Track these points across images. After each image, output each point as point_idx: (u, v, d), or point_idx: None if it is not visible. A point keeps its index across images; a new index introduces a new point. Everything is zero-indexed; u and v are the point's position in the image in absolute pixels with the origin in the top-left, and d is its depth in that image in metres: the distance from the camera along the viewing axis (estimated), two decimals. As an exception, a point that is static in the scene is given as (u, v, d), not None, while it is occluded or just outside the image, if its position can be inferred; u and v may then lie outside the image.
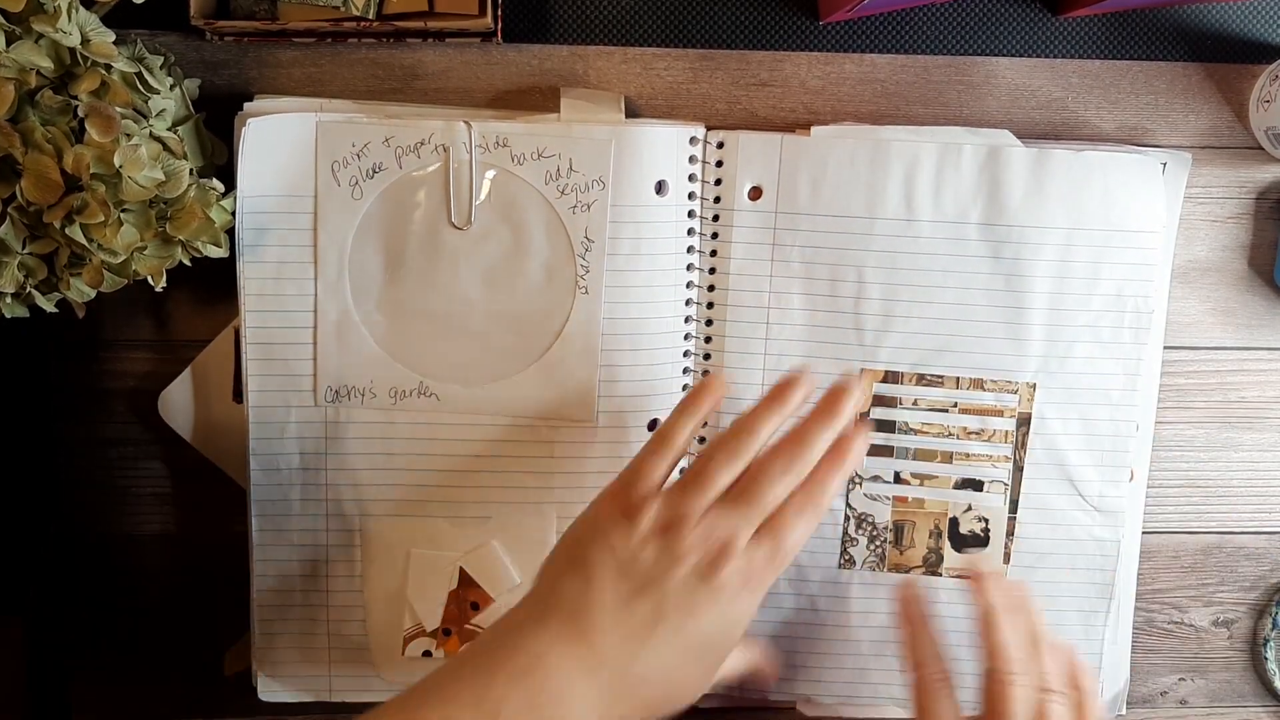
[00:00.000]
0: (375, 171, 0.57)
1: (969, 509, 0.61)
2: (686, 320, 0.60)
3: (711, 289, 0.60)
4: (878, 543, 0.61)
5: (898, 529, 0.61)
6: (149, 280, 0.53)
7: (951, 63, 0.61)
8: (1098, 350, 0.60)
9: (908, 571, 0.61)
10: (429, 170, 0.57)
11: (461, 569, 0.60)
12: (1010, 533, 0.61)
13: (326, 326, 0.58)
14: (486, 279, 0.58)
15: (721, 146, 0.59)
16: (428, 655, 0.61)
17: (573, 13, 0.60)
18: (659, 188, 0.58)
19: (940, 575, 0.61)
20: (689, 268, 0.60)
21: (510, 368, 0.59)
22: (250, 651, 0.61)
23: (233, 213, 0.56)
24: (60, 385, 0.61)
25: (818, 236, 0.59)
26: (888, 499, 0.61)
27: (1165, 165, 0.59)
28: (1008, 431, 0.60)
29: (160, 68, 0.55)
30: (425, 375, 0.59)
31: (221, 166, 0.58)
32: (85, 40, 0.50)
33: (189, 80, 0.58)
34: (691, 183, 0.59)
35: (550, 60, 0.60)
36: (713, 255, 0.60)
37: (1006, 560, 0.61)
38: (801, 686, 0.62)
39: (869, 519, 0.61)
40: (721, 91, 0.61)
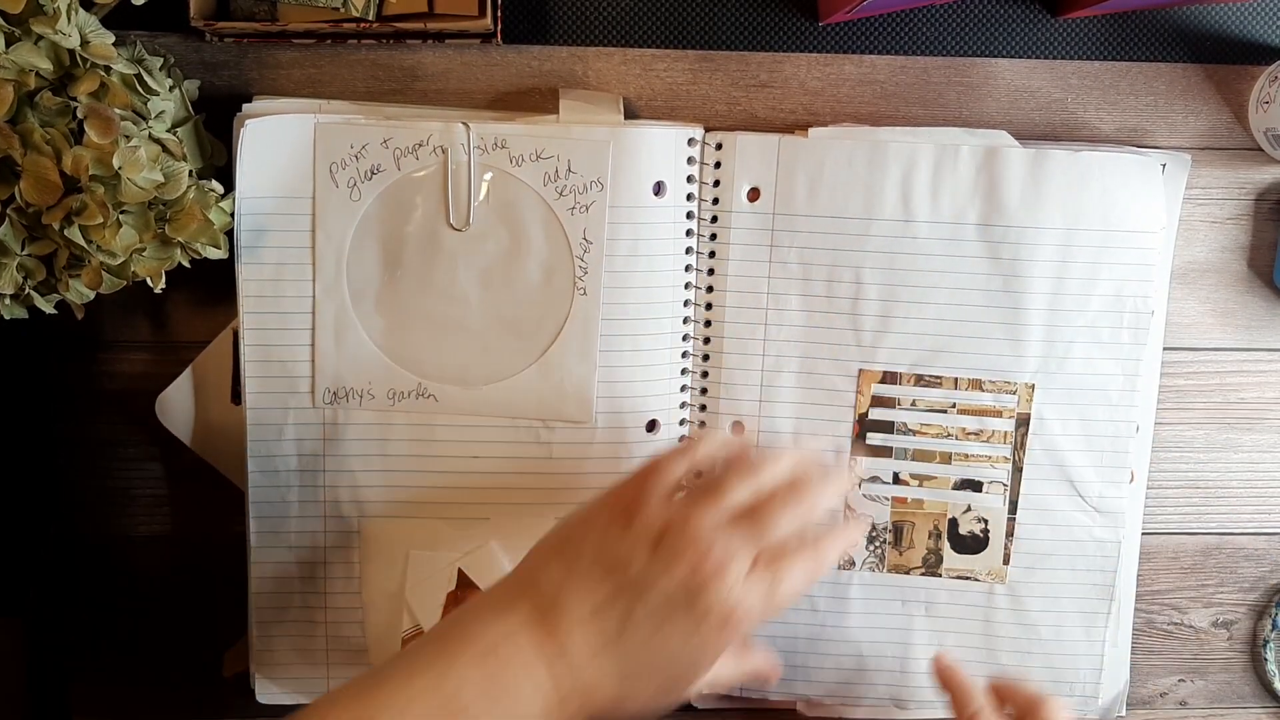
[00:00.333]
0: (373, 173, 0.57)
1: (968, 510, 0.61)
2: (685, 321, 0.60)
3: (710, 290, 0.60)
4: (877, 543, 0.61)
5: (897, 530, 0.61)
6: (148, 282, 0.53)
7: (951, 64, 0.61)
8: (1097, 351, 0.60)
9: (907, 573, 0.61)
10: (427, 171, 0.57)
11: (460, 570, 0.60)
12: (1010, 534, 0.61)
13: (325, 328, 0.58)
14: (485, 280, 0.58)
15: (720, 148, 0.59)
16: (426, 656, 0.61)
17: (572, 14, 0.60)
18: (657, 189, 0.58)
19: (940, 576, 0.61)
20: (687, 269, 0.60)
21: (508, 368, 0.59)
22: (249, 653, 0.61)
23: (232, 214, 0.56)
24: (59, 386, 0.61)
25: (815, 238, 0.59)
26: (886, 499, 0.61)
27: (1165, 166, 0.59)
28: (1006, 432, 0.60)
29: (160, 69, 0.55)
30: (423, 376, 0.59)
31: (221, 168, 0.58)
32: (85, 42, 0.50)
33: (188, 81, 0.58)
34: (690, 184, 0.59)
35: (550, 61, 0.60)
36: (711, 256, 0.60)
37: (1006, 561, 0.61)
38: (801, 687, 0.62)
39: (868, 519, 0.61)
40: (721, 92, 0.61)
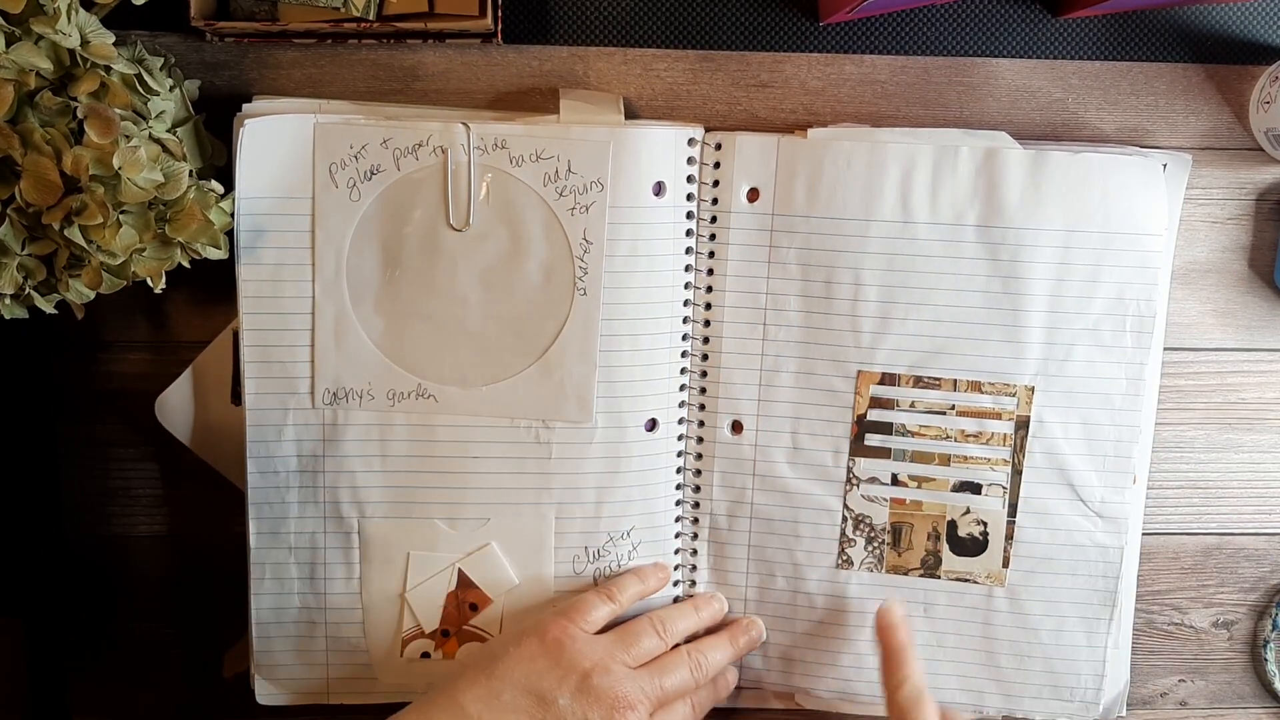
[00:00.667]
0: (373, 173, 0.57)
1: (967, 512, 0.61)
2: (684, 321, 0.60)
3: (709, 290, 0.60)
4: (876, 544, 0.61)
5: (895, 531, 0.61)
6: (148, 282, 0.53)
7: (952, 64, 0.61)
8: (1099, 354, 0.59)
9: (906, 574, 0.61)
10: (427, 172, 0.57)
11: (460, 570, 0.60)
12: (1009, 536, 0.61)
13: (324, 328, 0.58)
14: (484, 280, 0.58)
15: (719, 148, 0.59)
16: (426, 657, 0.61)
17: (573, 14, 0.60)
18: (657, 189, 0.58)
19: (939, 578, 0.61)
20: (687, 269, 0.60)
21: (508, 369, 0.59)
22: (249, 653, 0.61)
23: (231, 214, 0.56)
24: (60, 386, 0.61)
25: (815, 239, 0.59)
26: (885, 500, 0.61)
27: (1166, 166, 0.59)
28: (1005, 434, 0.60)
29: (160, 69, 0.55)
30: (423, 377, 0.59)
31: (221, 168, 0.58)
32: (85, 42, 0.50)
33: (189, 81, 0.58)
34: (690, 184, 0.59)
35: (550, 61, 0.60)
36: (710, 257, 0.60)
37: (1005, 564, 0.61)
38: (799, 680, 0.62)
39: (866, 520, 0.61)
40: (721, 92, 0.61)
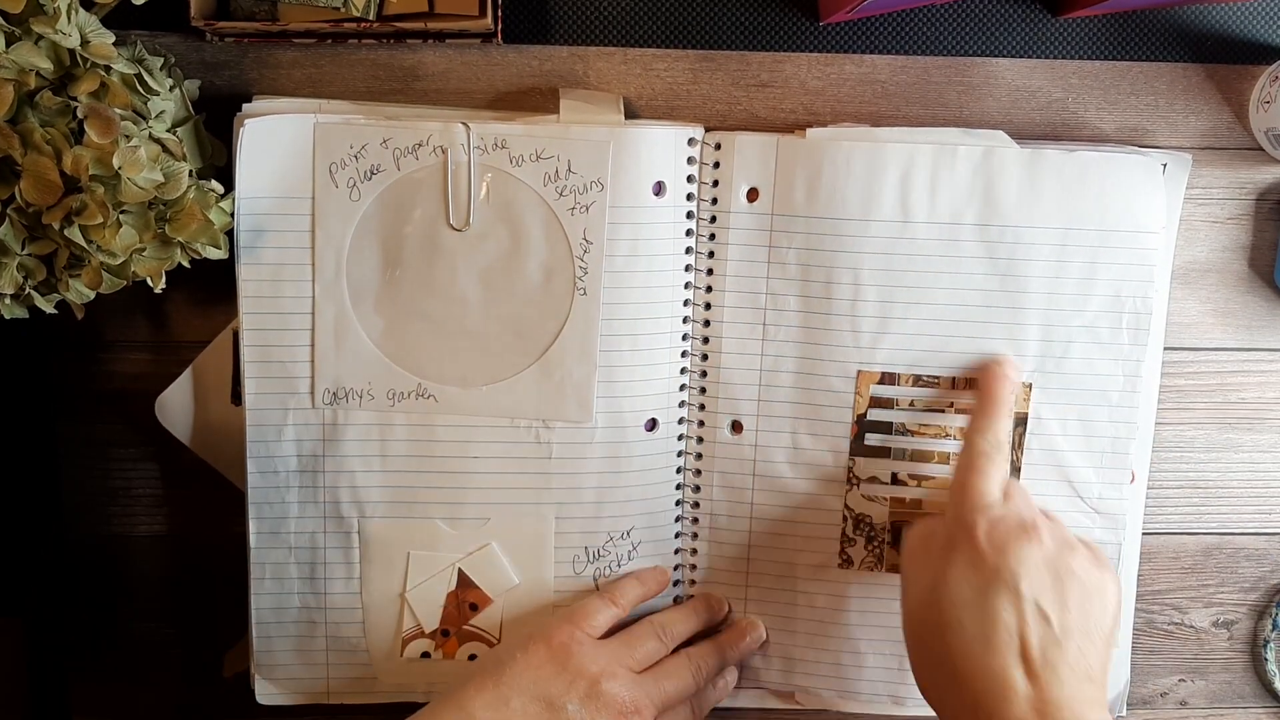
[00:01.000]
0: (373, 173, 0.57)
1: (967, 510, 0.61)
2: (684, 321, 0.60)
3: (709, 290, 0.60)
4: (875, 543, 0.61)
5: (895, 530, 0.61)
6: (148, 282, 0.53)
7: (951, 64, 0.61)
8: (1096, 351, 0.59)
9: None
10: (427, 172, 0.57)
11: (460, 570, 0.60)
12: (1009, 534, 0.61)
13: (324, 328, 0.58)
14: (485, 280, 0.58)
15: (719, 148, 0.59)
16: (426, 657, 0.61)
17: (573, 13, 0.60)
18: (657, 189, 0.58)
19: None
20: (687, 269, 0.60)
21: (508, 369, 0.59)
22: (249, 653, 0.61)
23: (231, 214, 0.56)
24: (60, 386, 0.61)
25: (814, 238, 0.59)
26: (885, 499, 0.61)
27: (1165, 166, 0.59)
28: (1005, 432, 0.60)
29: (160, 69, 0.55)
30: (423, 377, 0.59)
31: (221, 168, 0.58)
32: (85, 41, 0.50)
33: (189, 81, 0.58)
34: (689, 184, 0.59)
35: (550, 61, 0.60)
36: (710, 257, 0.60)
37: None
38: (799, 680, 0.62)
39: (866, 519, 0.61)
40: (721, 92, 0.61)
